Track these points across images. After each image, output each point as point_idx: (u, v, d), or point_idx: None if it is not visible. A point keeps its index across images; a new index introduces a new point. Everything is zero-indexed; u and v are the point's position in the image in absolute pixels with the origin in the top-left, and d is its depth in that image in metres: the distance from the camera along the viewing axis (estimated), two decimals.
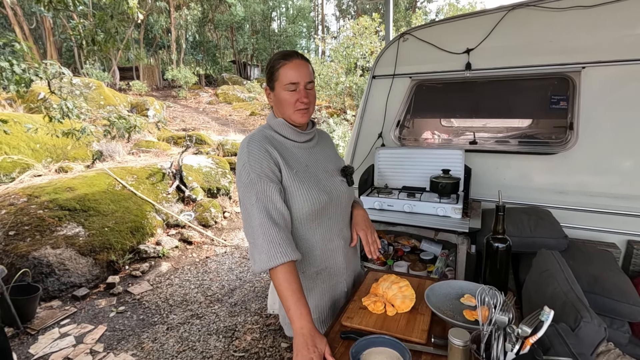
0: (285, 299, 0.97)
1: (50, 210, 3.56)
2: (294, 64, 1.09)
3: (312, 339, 0.91)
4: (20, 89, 2.97)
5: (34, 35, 14.68)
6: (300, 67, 1.09)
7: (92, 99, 8.23)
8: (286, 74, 1.08)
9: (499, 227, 1.20)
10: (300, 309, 0.95)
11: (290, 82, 1.08)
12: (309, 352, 0.88)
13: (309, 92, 1.12)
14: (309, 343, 0.90)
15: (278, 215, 1.03)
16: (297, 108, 1.11)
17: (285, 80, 1.09)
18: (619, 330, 1.40)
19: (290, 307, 0.96)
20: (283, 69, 1.09)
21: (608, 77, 2.01)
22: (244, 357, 2.34)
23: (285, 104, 1.11)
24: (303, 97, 1.10)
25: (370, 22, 10.07)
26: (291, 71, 1.08)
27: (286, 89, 1.09)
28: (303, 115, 1.13)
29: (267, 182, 1.03)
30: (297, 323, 0.94)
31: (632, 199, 1.95)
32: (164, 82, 17.76)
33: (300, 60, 1.10)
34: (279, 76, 1.09)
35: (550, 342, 0.91)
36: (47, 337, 2.54)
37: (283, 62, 1.09)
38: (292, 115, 1.13)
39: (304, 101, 1.10)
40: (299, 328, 0.93)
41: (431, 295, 1.13)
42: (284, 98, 1.10)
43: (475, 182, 2.28)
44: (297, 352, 0.90)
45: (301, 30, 27.20)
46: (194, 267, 3.69)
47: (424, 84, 2.55)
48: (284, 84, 1.09)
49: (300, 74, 1.09)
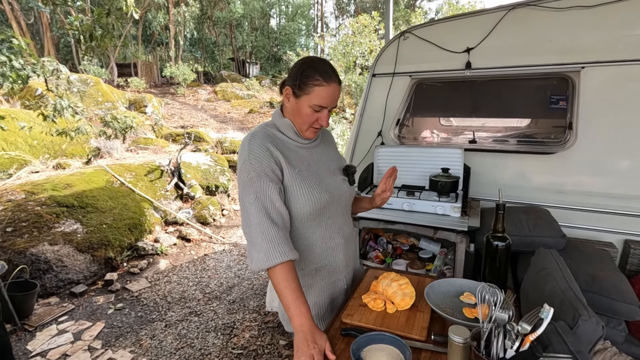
0: (285, 298, 0.97)
1: (48, 206, 3.55)
2: (332, 89, 1.06)
3: (312, 335, 0.92)
4: (15, 85, 2.95)
5: (31, 30, 14.58)
6: (335, 92, 1.07)
7: (89, 95, 8.19)
8: (320, 95, 1.05)
9: (499, 225, 1.21)
10: (300, 307, 0.95)
11: (321, 105, 1.06)
12: (309, 348, 0.89)
13: (329, 114, 1.12)
14: (309, 340, 0.90)
15: (276, 215, 1.02)
16: (313, 127, 1.12)
17: (316, 100, 1.06)
18: (616, 329, 1.42)
19: (289, 305, 0.96)
20: (319, 89, 1.05)
21: (607, 77, 2.02)
22: (242, 354, 2.35)
23: (304, 118, 1.10)
24: (323, 120, 1.10)
25: (369, 21, 10.06)
26: (326, 95, 1.05)
27: (313, 107, 1.07)
28: (314, 133, 1.15)
29: (266, 181, 1.03)
30: (296, 321, 0.94)
31: (629, 198, 1.96)
32: (162, 79, 17.69)
33: (337, 86, 1.07)
34: (312, 92, 1.05)
35: (549, 339, 0.92)
36: (45, 334, 2.53)
37: (321, 82, 1.04)
38: (304, 132, 1.13)
39: (321, 124, 1.11)
40: (298, 325, 0.94)
41: (431, 293, 1.14)
42: (306, 113, 1.08)
43: (474, 181, 2.29)
44: (298, 348, 0.91)
45: (300, 28, 27.13)
46: (192, 265, 3.68)
47: (424, 83, 2.56)
48: (313, 102, 1.06)
49: (332, 100, 1.07)
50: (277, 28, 27.15)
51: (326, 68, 1.07)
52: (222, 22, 22.04)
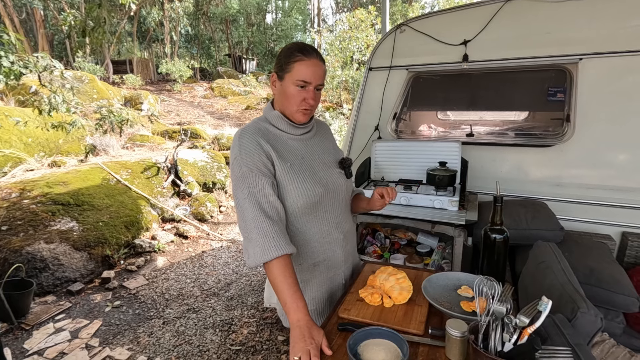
0: (281, 293, 0.96)
1: (44, 204, 3.52)
2: (312, 63, 1.06)
3: (308, 330, 0.91)
4: (9, 81, 2.91)
5: (25, 27, 14.41)
6: (317, 67, 1.07)
7: (85, 92, 8.12)
8: (300, 70, 1.05)
9: (497, 218, 1.20)
10: (297, 302, 0.95)
11: (303, 79, 1.06)
12: (306, 344, 0.88)
13: (316, 93, 1.10)
14: (305, 335, 0.90)
15: (271, 209, 1.02)
16: (302, 107, 1.10)
17: (297, 75, 1.06)
18: (614, 321, 1.42)
19: (286, 300, 0.95)
20: (299, 64, 1.05)
21: (605, 68, 2.00)
22: (240, 350, 2.34)
23: (290, 98, 1.09)
24: (310, 98, 1.08)
25: (366, 15, 9.99)
26: (307, 70, 1.05)
27: (296, 84, 1.07)
28: (305, 115, 1.12)
29: (258, 176, 1.03)
30: (293, 316, 0.94)
31: (627, 191, 1.96)
32: (158, 76, 17.54)
33: (317, 61, 1.08)
34: (293, 69, 1.06)
35: (547, 332, 0.91)
36: (42, 332, 2.52)
37: (300, 57, 1.05)
38: (294, 114, 1.11)
39: (310, 102, 1.09)
40: (295, 321, 0.93)
41: (428, 286, 1.13)
42: (291, 93, 1.08)
43: (471, 174, 2.28)
44: (294, 344, 0.90)
45: (297, 24, 26.94)
46: (190, 262, 3.67)
47: (421, 76, 2.53)
48: (295, 78, 1.06)
49: (314, 75, 1.07)
50: (274, 24, 26.95)
51: (306, 47, 1.09)
52: (217, 18, 21.84)
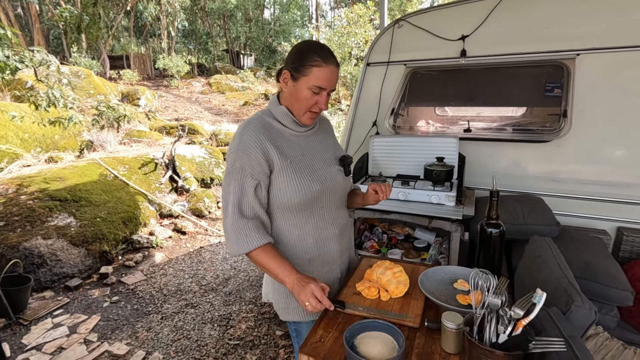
0: (270, 268, 1.04)
1: (41, 200, 3.51)
2: (330, 70, 1.06)
3: (304, 281, 1.00)
4: (5, 76, 2.88)
5: (20, 22, 14.26)
6: (334, 74, 1.07)
7: (81, 87, 8.06)
8: (318, 76, 1.04)
9: (493, 212, 1.20)
10: (285, 267, 1.03)
11: (319, 86, 1.06)
12: (308, 289, 0.97)
13: (327, 98, 1.11)
14: (304, 285, 0.99)
15: (249, 209, 1.06)
16: (311, 111, 1.10)
17: (314, 81, 1.05)
18: (608, 315, 1.43)
19: (276, 272, 1.03)
20: (317, 70, 1.04)
21: (602, 64, 2.01)
22: (238, 345, 2.36)
23: (303, 101, 1.08)
24: (322, 103, 1.09)
25: (364, 11, 9.94)
26: (325, 76, 1.05)
27: (311, 89, 1.06)
28: (312, 118, 1.13)
29: (247, 176, 1.05)
30: (286, 279, 1.02)
31: (622, 186, 1.97)
32: (155, 71, 17.44)
33: (335, 68, 1.07)
34: (310, 74, 1.05)
35: (542, 325, 0.92)
36: (40, 328, 2.52)
37: (319, 63, 1.04)
38: (301, 116, 1.12)
39: (321, 107, 1.09)
40: (290, 282, 1.02)
41: (425, 280, 1.13)
42: (304, 96, 1.07)
43: (469, 170, 2.28)
44: (299, 295, 0.99)
45: (295, 19, 26.78)
46: (188, 257, 3.67)
47: (419, 72, 2.53)
48: (311, 83, 1.05)
49: (330, 82, 1.07)
50: (272, 19, 26.78)
51: (324, 50, 1.07)
52: (215, 13, 21.68)
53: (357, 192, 1.36)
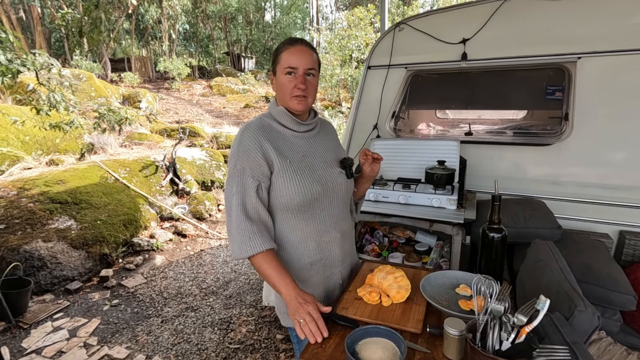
0: (269, 277, 1.04)
1: (41, 203, 3.51)
2: (297, 50, 1.09)
3: (302, 297, 0.99)
4: (6, 79, 2.89)
5: (22, 25, 14.31)
6: (303, 53, 1.10)
7: (82, 90, 8.08)
8: (287, 58, 1.09)
9: (495, 217, 1.20)
10: (284, 279, 1.02)
11: (289, 66, 1.09)
12: (304, 308, 0.96)
13: (308, 79, 1.11)
14: (300, 302, 0.98)
15: (253, 210, 1.07)
16: (294, 94, 1.10)
17: (285, 63, 1.09)
18: (611, 319, 1.42)
19: (275, 282, 1.03)
20: (285, 53, 1.09)
21: (604, 67, 2.00)
22: (239, 348, 2.34)
23: (283, 88, 1.11)
24: (300, 82, 1.09)
25: (365, 13, 9.97)
26: (292, 56, 1.09)
27: (285, 72, 1.10)
28: (300, 102, 1.12)
29: (249, 177, 1.06)
30: (284, 291, 1.02)
31: (625, 189, 1.96)
32: (156, 74, 17.46)
33: (303, 47, 1.10)
34: (281, 59, 1.10)
35: (545, 331, 0.92)
36: (40, 331, 2.51)
37: (287, 47, 1.10)
38: (289, 102, 1.12)
39: (300, 87, 1.09)
40: (287, 295, 1.01)
41: (427, 285, 1.13)
42: (282, 82, 1.11)
43: (470, 173, 2.28)
44: (294, 312, 0.98)
45: (296, 22, 26.85)
46: (189, 260, 3.67)
47: (420, 75, 2.53)
48: (283, 67, 1.09)
49: (300, 60, 1.09)
50: (273, 22, 26.86)
51: (293, 37, 1.13)
52: (216, 15, 21.75)
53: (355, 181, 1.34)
